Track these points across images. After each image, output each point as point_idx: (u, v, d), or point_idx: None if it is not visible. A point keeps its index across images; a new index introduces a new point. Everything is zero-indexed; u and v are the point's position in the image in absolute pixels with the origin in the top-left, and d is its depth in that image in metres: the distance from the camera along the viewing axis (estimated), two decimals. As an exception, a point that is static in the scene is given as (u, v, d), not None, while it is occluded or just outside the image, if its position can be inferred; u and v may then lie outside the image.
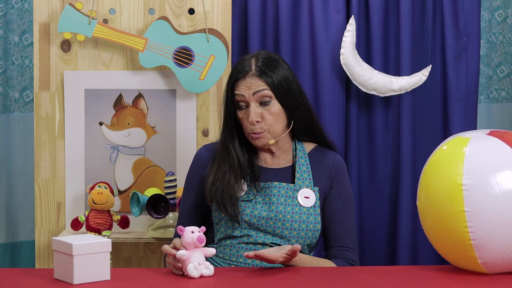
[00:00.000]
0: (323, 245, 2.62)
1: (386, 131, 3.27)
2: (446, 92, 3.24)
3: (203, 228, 2.25)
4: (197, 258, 2.21)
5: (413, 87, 3.20)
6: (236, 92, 2.53)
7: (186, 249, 2.21)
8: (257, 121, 2.51)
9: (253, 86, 2.52)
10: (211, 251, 2.24)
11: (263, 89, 2.52)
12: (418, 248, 3.25)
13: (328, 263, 2.52)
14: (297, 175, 2.57)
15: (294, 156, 2.61)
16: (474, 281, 2.19)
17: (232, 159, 2.55)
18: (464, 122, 3.24)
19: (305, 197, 2.54)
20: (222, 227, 2.54)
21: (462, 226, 2.18)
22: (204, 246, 2.24)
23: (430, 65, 3.21)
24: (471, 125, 3.25)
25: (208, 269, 2.22)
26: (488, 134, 2.28)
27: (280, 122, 2.56)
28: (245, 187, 2.55)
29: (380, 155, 3.28)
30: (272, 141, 2.55)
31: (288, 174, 2.59)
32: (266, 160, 2.61)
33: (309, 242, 2.54)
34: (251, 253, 2.29)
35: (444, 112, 3.26)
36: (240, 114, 2.55)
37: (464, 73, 3.23)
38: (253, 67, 2.53)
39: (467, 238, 2.18)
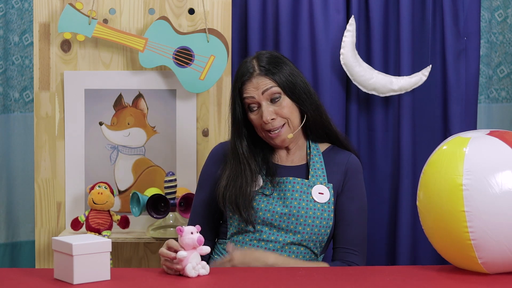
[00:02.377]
0: (332, 245, 2.62)
1: (386, 131, 3.27)
2: (446, 92, 3.24)
3: (198, 227, 2.25)
4: (195, 259, 2.23)
5: (413, 87, 3.20)
6: (245, 95, 2.54)
7: (185, 250, 2.22)
8: (272, 119, 2.52)
9: (260, 86, 2.53)
10: (206, 249, 2.25)
11: (271, 87, 2.53)
12: (418, 248, 3.25)
13: (319, 264, 2.53)
14: (311, 172, 2.58)
15: (308, 154, 2.62)
16: (474, 281, 2.19)
17: (242, 164, 2.55)
18: (464, 122, 3.24)
19: (319, 193, 2.55)
20: (236, 221, 2.55)
21: (462, 226, 2.18)
22: (204, 244, 2.26)
23: (430, 65, 3.21)
24: (471, 125, 3.25)
25: (204, 269, 2.24)
26: (488, 134, 2.28)
27: (295, 114, 2.56)
28: (260, 182, 2.56)
29: (380, 155, 3.28)
30: (290, 135, 2.56)
31: (303, 172, 2.60)
32: (281, 158, 2.62)
33: (321, 239, 2.54)
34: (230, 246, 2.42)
35: (444, 112, 3.25)
36: (253, 115, 2.54)
37: (464, 73, 3.23)
38: (256, 68, 2.54)
39: (467, 238, 2.18)
